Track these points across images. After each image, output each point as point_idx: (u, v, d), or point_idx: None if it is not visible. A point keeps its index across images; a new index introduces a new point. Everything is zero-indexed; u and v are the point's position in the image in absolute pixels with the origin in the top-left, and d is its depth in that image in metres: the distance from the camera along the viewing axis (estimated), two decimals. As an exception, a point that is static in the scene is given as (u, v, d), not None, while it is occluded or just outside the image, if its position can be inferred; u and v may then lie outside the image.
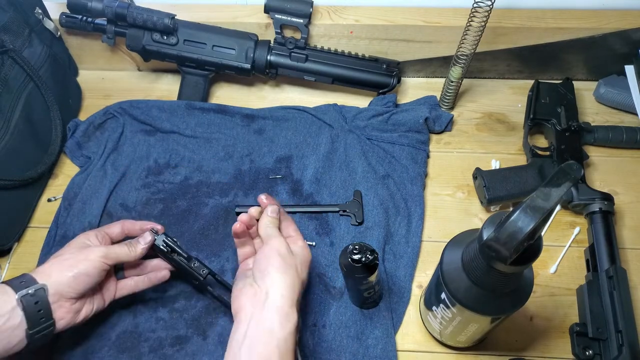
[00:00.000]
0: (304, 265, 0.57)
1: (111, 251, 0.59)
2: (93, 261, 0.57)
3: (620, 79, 0.86)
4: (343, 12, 0.84)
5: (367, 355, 0.64)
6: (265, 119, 0.84)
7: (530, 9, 0.83)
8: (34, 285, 0.54)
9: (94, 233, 0.62)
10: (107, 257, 0.58)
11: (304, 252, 0.58)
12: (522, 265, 0.45)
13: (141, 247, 0.62)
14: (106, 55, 0.90)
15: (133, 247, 0.61)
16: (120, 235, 0.64)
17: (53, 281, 0.55)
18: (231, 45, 0.83)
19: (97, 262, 0.57)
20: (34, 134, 0.76)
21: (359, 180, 0.78)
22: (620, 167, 0.81)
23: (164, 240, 0.64)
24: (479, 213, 0.77)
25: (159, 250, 0.64)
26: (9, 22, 0.74)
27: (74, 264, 0.57)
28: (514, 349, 0.66)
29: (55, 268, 0.56)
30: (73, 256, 0.57)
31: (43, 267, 0.57)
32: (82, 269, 0.56)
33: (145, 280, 0.65)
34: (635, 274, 0.71)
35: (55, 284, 0.55)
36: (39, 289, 0.54)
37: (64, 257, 0.58)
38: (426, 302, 0.63)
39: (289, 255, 0.56)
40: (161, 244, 0.63)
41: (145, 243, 0.62)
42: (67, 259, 0.57)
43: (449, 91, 0.84)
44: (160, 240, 0.63)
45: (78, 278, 0.56)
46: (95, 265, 0.57)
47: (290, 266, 0.55)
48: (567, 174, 0.42)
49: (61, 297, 0.55)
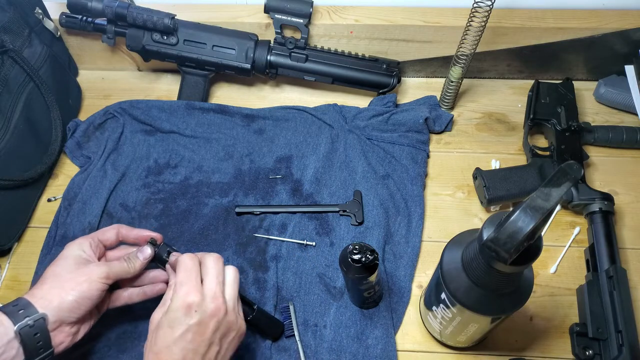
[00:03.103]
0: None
1: (111, 270, 0.56)
2: (94, 282, 0.54)
3: (620, 79, 0.85)
4: (343, 12, 0.84)
5: (367, 355, 0.64)
6: (265, 119, 0.84)
7: (530, 9, 0.83)
8: (34, 315, 0.51)
9: (88, 242, 0.58)
10: (108, 277, 0.55)
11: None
12: (522, 265, 0.45)
13: (140, 263, 0.59)
14: (106, 55, 0.90)
15: (132, 262, 0.58)
16: (115, 242, 0.61)
17: (54, 308, 0.52)
18: (231, 45, 0.83)
19: (98, 283, 0.55)
20: (34, 134, 0.76)
21: (359, 180, 0.78)
22: (620, 167, 0.81)
23: (167, 251, 0.60)
24: (479, 213, 0.77)
25: (161, 261, 0.60)
26: (9, 22, 0.74)
27: (74, 286, 0.53)
28: (514, 349, 0.66)
29: (56, 293, 0.53)
30: (73, 277, 0.54)
31: (42, 289, 0.53)
32: (83, 293, 0.54)
33: (141, 293, 0.61)
34: (635, 274, 0.71)
35: (55, 311, 0.52)
36: (39, 319, 0.51)
37: (63, 277, 0.54)
38: (426, 302, 0.63)
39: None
40: (164, 254, 0.60)
41: (144, 258, 0.59)
42: (67, 281, 0.54)
43: (449, 91, 0.84)
44: (163, 251, 0.60)
45: (79, 302, 0.53)
46: (96, 287, 0.54)
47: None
48: (567, 174, 0.42)
49: (62, 323, 0.53)
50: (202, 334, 0.51)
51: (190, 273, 0.54)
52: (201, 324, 0.51)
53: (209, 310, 0.52)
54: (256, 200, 0.77)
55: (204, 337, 0.51)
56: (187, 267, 0.54)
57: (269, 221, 0.75)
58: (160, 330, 0.51)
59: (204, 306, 0.52)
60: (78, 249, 0.57)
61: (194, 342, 0.51)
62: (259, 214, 0.75)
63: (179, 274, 0.54)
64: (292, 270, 0.71)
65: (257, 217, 0.75)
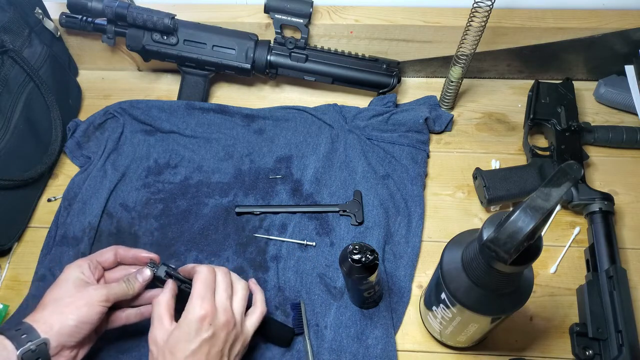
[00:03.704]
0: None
1: (111, 293, 0.56)
2: (94, 306, 0.55)
3: (620, 79, 0.85)
4: (343, 12, 0.84)
5: (367, 355, 0.64)
6: (265, 119, 0.84)
7: (530, 9, 0.83)
8: (36, 340, 0.51)
9: (87, 264, 0.58)
10: (107, 299, 0.56)
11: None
12: (522, 265, 0.45)
13: (139, 285, 0.59)
14: (106, 55, 0.90)
15: (131, 284, 0.59)
16: (113, 264, 0.62)
17: (55, 332, 0.52)
18: (231, 45, 0.83)
19: (98, 307, 0.55)
20: (34, 134, 0.76)
21: (359, 180, 0.78)
22: (620, 167, 0.81)
23: (166, 272, 0.60)
24: (479, 213, 0.77)
25: (160, 282, 0.60)
26: (9, 22, 0.74)
27: (74, 311, 0.54)
28: (514, 349, 0.66)
29: (57, 319, 0.53)
30: (72, 301, 0.54)
31: (43, 314, 0.54)
32: (84, 317, 0.54)
33: (138, 313, 0.62)
34: (635, 274, 0.71)
35: (57, 336, 0.52)
36: (41, 343, 0.51)
37: (63, 301, 0.54)
38: (426, 302, 0.63)
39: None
40: (163, 275, 0.60)
41: (143, 280, 0.59)
42: (67, 305, 0.54)
43: (449, 91, 0.84)
44: (162, 272, 0.60)
45: (79, 327, 0.54)
46: (96, 310, 0.55)
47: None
48: (567, 174, 0.42)
49: (63, 348, 0.53)
50: (215, 345, 0.54)
51: (207, 286, 0.56)
52: (214, 336, 0.54)
53: (221, 322, 0.55)
54: (256, 200, 0.77)
55: (217, 350, 0.54)
56: (205, 279, 0.56)
57: (269, 221, 0.75)
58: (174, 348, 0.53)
59: (217, 319, 0.54)
60: (77, 271, 0.58)
61: (209, 354, 0.53)
62: (259, 214, 0.75)
63: (197, 285, 0.56)
64: (292, 271, 0.70)
65: (257, 217, 0.75)
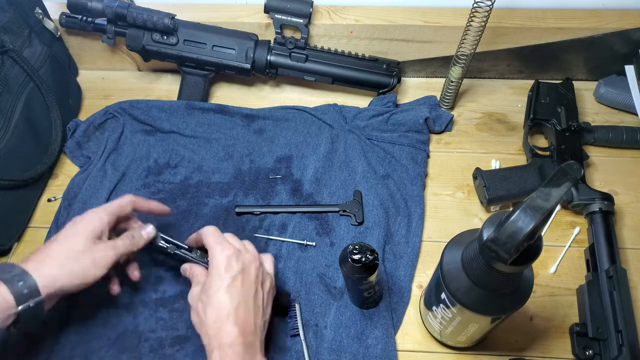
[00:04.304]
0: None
1: (118, 253, 0.59)
2: (100, 268, 0.57)
3: (620, 79, 0.86)
4: (343, 12, 0.84)
5: (367, 355, 0.64)
6: (265, 119, 0.84)
7: (530, 9, 0.84)
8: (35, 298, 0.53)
9: (107, 218, 0.60)
10: (114, 261, 0.59)
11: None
12: (522, 265, 0.45)
13: (144, 242, 0.62)
14: (106, 55, 0.90)
15: (136, 241, 0.61)
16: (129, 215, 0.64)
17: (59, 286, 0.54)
18: (231, 45, 0.83)
19: (104, 269, 0.58)
20: (34, 134, 0.76)
21: (359, 180, 0.78)
22: (620, 167, 0.81)
23: (162, 237, 0.64)
24: (479, 213, 0.77)
25: (159, 249, 0.64)
26: (9, 22, 0.74)
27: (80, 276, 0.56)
28: (514, 349, 0.66)
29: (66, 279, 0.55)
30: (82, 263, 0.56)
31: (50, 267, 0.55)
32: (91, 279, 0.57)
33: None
34: (635, 274, 0.71)
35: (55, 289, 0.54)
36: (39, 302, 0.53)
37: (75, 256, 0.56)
38: (426, 302, 0.63)
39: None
40: (160, 242, 0.64)
41: (148, 237, 0.63)
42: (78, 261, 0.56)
43: (449, 91, 0.84)
44: (159, 240, 0.64)
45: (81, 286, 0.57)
46: (101, 272, 0.57)
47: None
48: (567, 174, 0.42)
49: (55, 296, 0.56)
50: (247, 278, 0.57)
51: (217, 235, 0.60)
52: (244, 270, 0.58)
53: (247, 258, 0.59)
54: (256, 200, 0.77)
55: (250, 281, 0.57)
56: (212, 232, 0.60)
57: (269, 221, 0.75)
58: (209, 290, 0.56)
59: (242, 256, 0.59)
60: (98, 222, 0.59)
61: (243, 286, 0.56)
62: (259, 214, 0.75)
63: (209, 239, 0.59)
64: (292, 271, 0.70)
65: (257, 217, 0.75)
